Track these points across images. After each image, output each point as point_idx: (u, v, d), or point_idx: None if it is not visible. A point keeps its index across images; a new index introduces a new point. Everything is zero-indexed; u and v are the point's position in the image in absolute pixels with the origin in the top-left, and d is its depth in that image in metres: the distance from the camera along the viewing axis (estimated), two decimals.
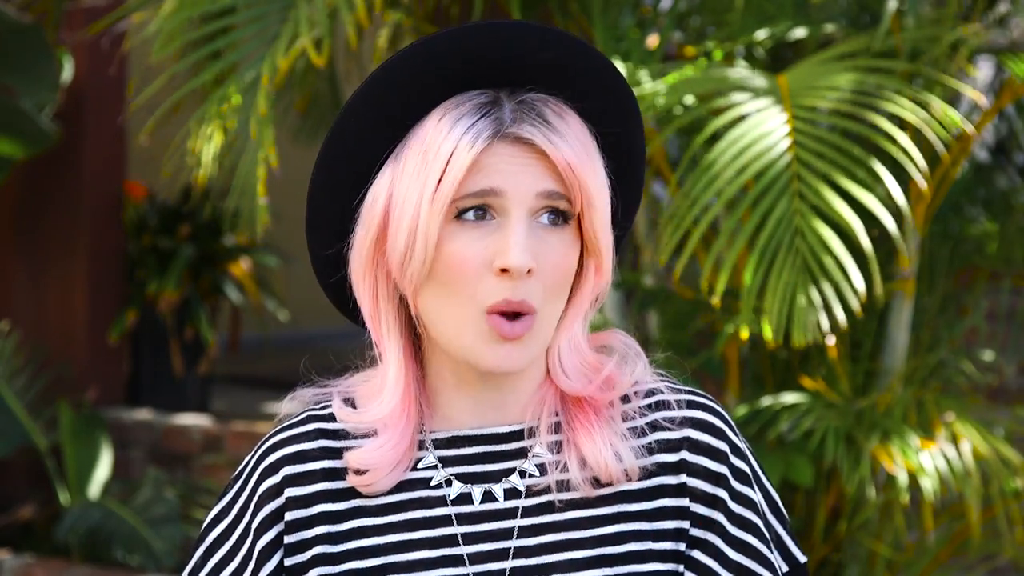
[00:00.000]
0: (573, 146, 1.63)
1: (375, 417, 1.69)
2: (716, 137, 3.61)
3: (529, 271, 1.61)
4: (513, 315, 1.63)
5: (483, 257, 1.62)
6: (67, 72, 6.17)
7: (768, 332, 3.37)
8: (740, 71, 3.69)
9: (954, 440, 3.74)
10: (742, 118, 3.48)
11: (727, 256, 3.41)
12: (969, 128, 3.69)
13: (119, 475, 6.16)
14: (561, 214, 1.64)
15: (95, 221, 6.34)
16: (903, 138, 3.47)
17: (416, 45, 1.66)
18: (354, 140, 1.68)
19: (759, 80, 3.58)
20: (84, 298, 6.34)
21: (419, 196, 1.63)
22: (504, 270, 1.61)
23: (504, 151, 1.63)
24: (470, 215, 1.63)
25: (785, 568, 1.75)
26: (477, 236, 1.63)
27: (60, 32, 5.94)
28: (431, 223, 1.62)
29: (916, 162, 3.47)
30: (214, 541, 1.72)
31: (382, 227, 1.66)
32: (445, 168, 1.62)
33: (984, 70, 4.54)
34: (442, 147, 1.63)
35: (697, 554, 1.70)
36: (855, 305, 3.41)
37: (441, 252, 1.63)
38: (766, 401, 3.80)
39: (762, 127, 3.44)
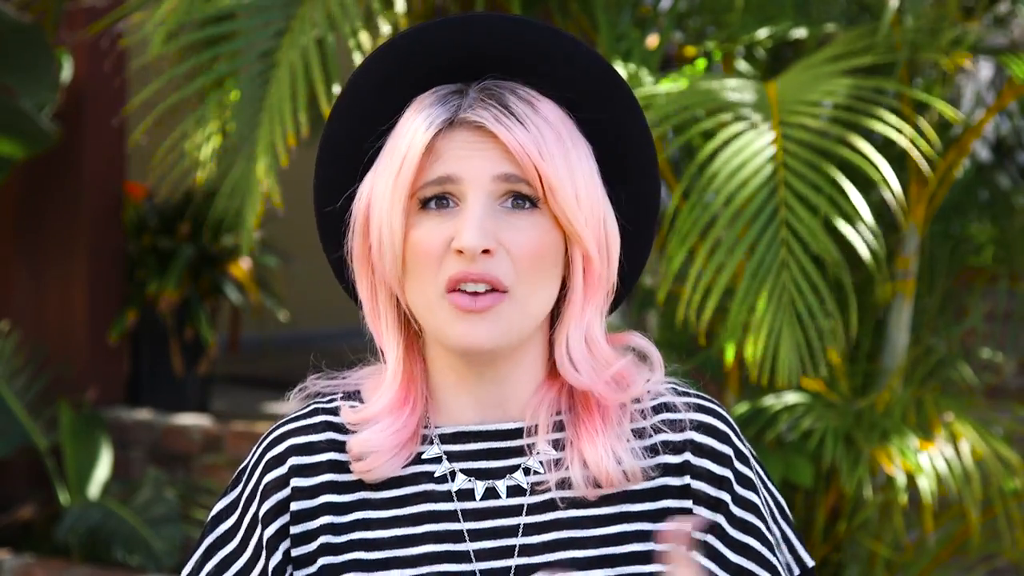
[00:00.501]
0: (531, 130, 1.64)
1: (375, 411, 1.69)
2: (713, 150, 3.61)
3: (487, 251, 1.62)
4: (480, 294, 1.63)
5: (443, 240, 1.64)
6: (67, 72, 6.17)
7: (753, 371, 3.38)
8: (730, 82, 3.67)
9: (953, 440, 3.74)
10: (732, 139, 3.47)
11: (715, 287, 3.41)
12: (958, 115, 3.69)
13: (119, 475, 6.16)
14: (526, 198, 1.65)
15: (95, 221, 6.34)
16: (883, 162, 3.46)
17: (386, 45, 1.69)
18: (343, 143, 1.70)
19: (748, 94, 3.57)
20: (84, 298, 6.34)
21: (384, 189, 1.66)
22: (460, 251, 1.62)
23: (459, 137, 1.65)
24: (432, 204, 1.64)
25: (797, 571, 1.75)
26: (439, 222, 1.64)
27: (60, 32, 5.94)
28: (394, 213, 1.64)
29: (894, 192, 3.46)
30: (223, 534, 1.72)
31: (365, 226, 1.68)
32: (404, 158, 1.64)
33: (985, 70, 4.54)
34: (403, 139, 1.65)
35: (697, 555, 1.70)
36: (836, 357, 3.42)
37: (408, 242, 1.65)
38: (766, 401, 3.80)
39: (749, 149, 3.43)
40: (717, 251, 3.43)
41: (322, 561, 1.67)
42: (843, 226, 3.40)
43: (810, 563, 1.76)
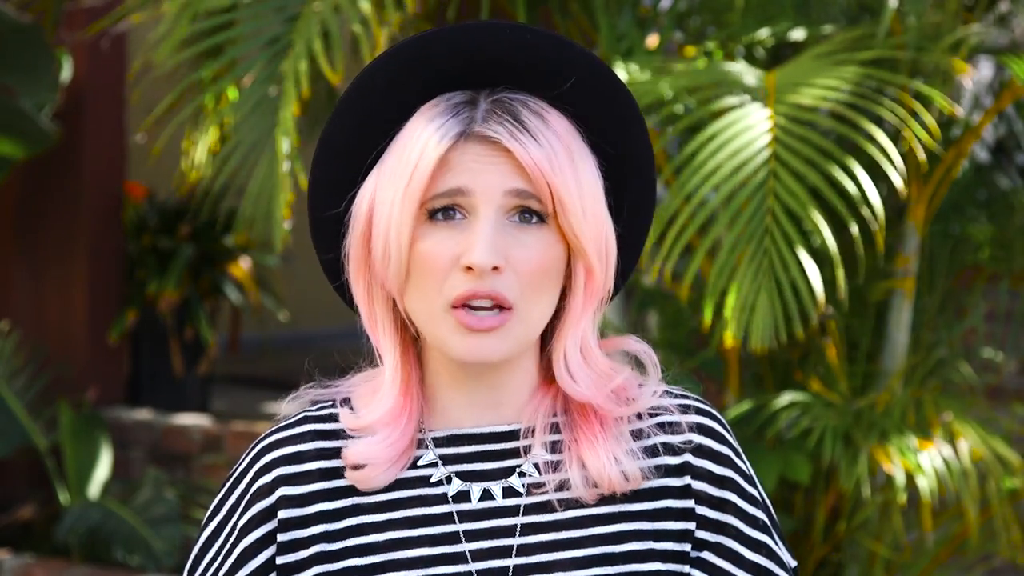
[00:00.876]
0: (543, 145, 1.63)
1: (373, 419, 1.69)
2: (699, 131, 3.62)
3: (496, 268, 1.62)
4: (486, 308, 1.63)
5: (452, 255, 1.63)
6: (67, 72, 6.17)
7: (728, 336, 3.38)
8: (731, 66, 3.69)
9: (952, 440, 3.74)
10: (725, 112, 3.48)
11: (696, 252, 3.42)
12: (958, 111, 3.69)
13: (119, 475, 6.16)
14: (535, 213, 1.65)
15: (95, 221, 6.34)
16: (887, 142, 3.46)
17: (393, 49, 1.68)
18: (343, 144, 1.70)
19: (747, 76, 3.58)
20: (84, 298, 6.34)
21: (392, 197, 1.65)
22: (470, 268, 1.62)
23: (472, 150, 1.64)
24: (440, 216, 1.64)
25: (794, 563, 1.76)
26: (447, 235, 1.64)
27: (60, 32, 5.94)
28: (403, 223, 1.64)
29: (897, 167, 3.46)
30: (205, 542, 1.72)
31: (366, 230, 1.68)
32: (415, 168, 1.63)
33: (984, 70, 4.54)
34: (413, 148, 1.64)
35: (709, 556, 1.70)
36: (813, 315, 3.42)
37: (414, 252, 1.64)
38: (765, 400, 3.80)
39: (742, 122, 3.44)
40: (698, 215, 3.43)
41: (317, 569, 1.67)
42: (834, 197, 3.39)
43: (792, 563, 1.77)
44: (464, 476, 1.69)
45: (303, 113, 4.23)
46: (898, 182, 3.47)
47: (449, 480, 1.69)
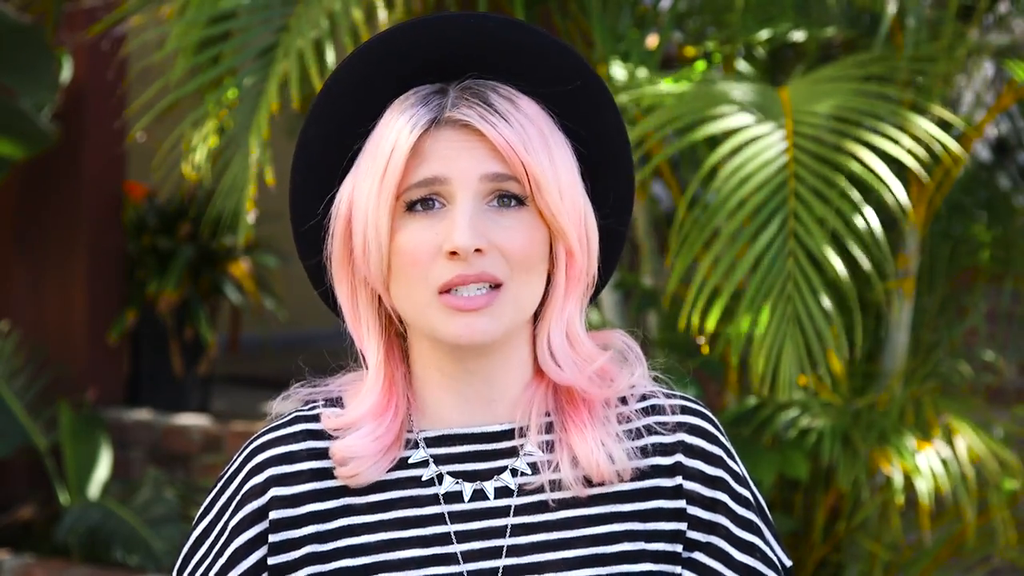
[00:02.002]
0: (515, 126, 1.64)
1: (356, 416, 1.68)
2: (716, 143, 3.60)
3: (479, 251, 1.62)
4: (476, 288, 1.62)
5: (434, 244, 1.63)
6: (66, 72, 6.18)
7: (756, 380, 3.37)
8: (741, 87, 3.66)
9: (950, 441, 3.73)
10: (743, 145, 3.46)
11: (722, 292, 3.40)
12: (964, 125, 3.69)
13: (119, 475, 6.16)
14: (513, 196, 1.65)
15: (95, 221, 6.35)
16: (890, 175, 3.45)
17: (356, 52, 1.68)
18: (318, 149, 1.70)
19: (760, 98, 3.56)
20: (84, 298, 6.34)
21: (369, 191, 1.65)
22: (453, 253, 1.62)
23: (445, 136, 1.64)
24: (418, 207, 1.64)
25: (789, 563, 1.75)
26: (427, 224, 1.64)
27: (60, 33, 5.94)
28: (380, 215, 1.64)
29: (898, 196, 3.46)
30: (195, 540, 1.73)
31: (346, 228, 1.68)
32: (388, 159, 1.64)
33: (985, 69, 4.54)
34: (386, 140, 1.65)
35: (700, 556, 1.70)
36: (838, 365, 3.42)
37: (395, 244, 1.64)
38: (764, 400, 3.80)
39: (761, 157, 3.42)
40: (724, 259, 3.42)
41: (309, 570, 1.67)
42: (852, 243, 3.39)
43: (788, 563, 1.77)
44: (456, 476, 1.69)
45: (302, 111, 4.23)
46: (895, 205, 3.46)
47: (440, 479, 1.69)
